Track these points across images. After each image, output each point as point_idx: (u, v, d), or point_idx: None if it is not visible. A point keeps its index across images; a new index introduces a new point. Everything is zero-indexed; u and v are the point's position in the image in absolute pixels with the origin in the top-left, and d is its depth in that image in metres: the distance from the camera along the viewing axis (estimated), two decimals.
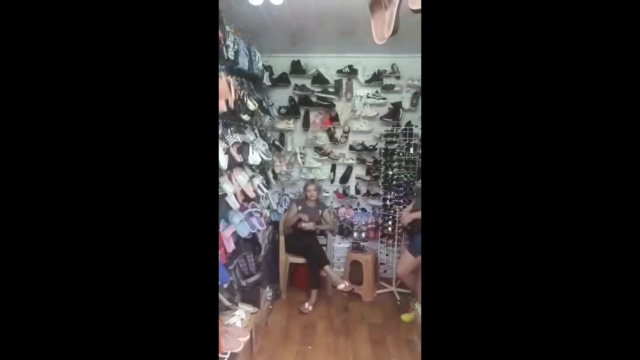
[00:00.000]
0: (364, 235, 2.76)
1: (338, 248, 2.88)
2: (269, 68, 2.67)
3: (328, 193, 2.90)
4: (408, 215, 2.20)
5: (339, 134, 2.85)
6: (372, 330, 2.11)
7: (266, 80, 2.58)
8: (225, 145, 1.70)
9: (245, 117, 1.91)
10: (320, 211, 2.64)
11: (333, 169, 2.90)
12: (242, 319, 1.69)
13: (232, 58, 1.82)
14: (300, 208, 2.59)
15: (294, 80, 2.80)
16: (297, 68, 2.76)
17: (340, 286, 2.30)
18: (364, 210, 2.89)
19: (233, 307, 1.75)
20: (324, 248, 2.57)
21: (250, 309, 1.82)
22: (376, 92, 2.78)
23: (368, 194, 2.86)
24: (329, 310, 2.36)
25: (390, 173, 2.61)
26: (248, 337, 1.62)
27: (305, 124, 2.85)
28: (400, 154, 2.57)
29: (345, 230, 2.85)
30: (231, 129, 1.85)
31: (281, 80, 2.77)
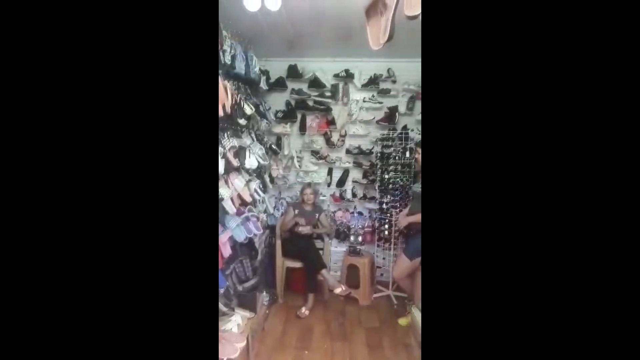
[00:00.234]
0: (360, 238, 2.76)
1: (335, 252, 2.87)
2: (265, 72, 2.67)
3: (325, 196, 2.90)
4: (404, 219, 2.20)
5: (335, 137, 2.86)
6: (369, 335, 2.11)
7: (263, 85, 2.58)
8: (222, 149, 1.70)
9: (242, 122, 1.91)
10: (317, 215, 2.64)
11: (330, 172, 2.91)
12: (239, 325, 1.68)
13: (229, 63, 1.82)
14: (297, 212, 2.59)
15: (291, 85, 2.80)
16: (294, 72, 2.77)
17: (337, 290, 2.29)
18: (360, 213, 2.90)
19: (229, 313, 1.74)
20: (321, 252, 2.57)
21: (247, 314, 1.81)
22: (372, 97, 2.80)
23: (365, 197, 2.87)
24: (326, 314, 2.35)
25: (386, 177, 2.62)
26: (245, 343, 1.60)
27: (302, 128, 2.86)
28: (397, 157, 2.59)
29: (342, 234, 2.85)
30: (228, 133, 1.85)
31: (278, 85, 2.78)
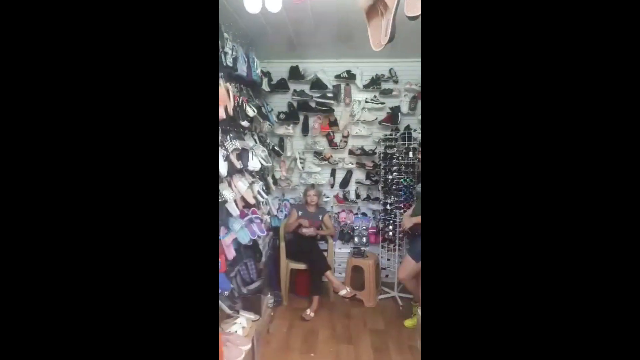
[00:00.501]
0: (364, 240, 2.75)
1: (339, 253, 2.86)
2: (267, 74, 2.68)
3: (328, 198, 2.89)
4: (409, 220, 2.19)
5: (338, 138, 2.85)
6: (375, 337, 2.09)
7: (265, 86, 2.58)
8: (225, 152, 1.70)
9: (245, 124, 1.91)
10: (320, 216, 2.63)
11: (333, 173, 2.90)
12: (244, 327, 1.67)
13: (231, 65, 1.82)
14: (300, 213, 2.58)
15: (293, 86, 2.80)
16: (296, 74, 2.77)
17: (342, 292, 2.28)
18: (364, 214, 2.88)
19: (234, 315, 1.73)
20: (325, 253, 2.56)
21: (252, 316, 1.80)
22: (374, 97, 2.79)
23: (368, 198, 2.85)
24: (331, 316, 2.34)
25: (390, 177, 2.60)
26: (250, 346, 1.59)
27: (305, 129, 2.86)
28: (400, 158, 2.57)
29: (346, 235, 2.83)
30: (230, 135, 1.84)
31: (280, 86, 2.78)
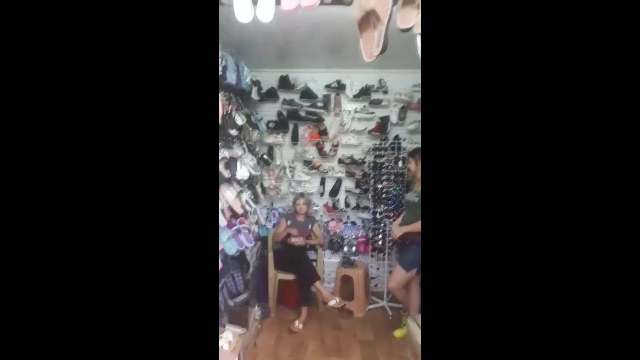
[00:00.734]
0: (354, 249, 2.73)
1: (328, 263, 2.83)
2: (257, 83, 2.67)
3: (317, 207, 2.87)
4: (398, 229, 2.19)
5: (327, 147, 2.86)
6: (365, 348, 2.06)
7: (254, 95, 2.57)
8: None
9: (234, 132, 1.89)
10: (310, 225, 2.61)
11: (322, 182, 2.89)
12: (230, 342, 1.61)
13: (221, 73, 1.81)
14: (289, 222, 2.55)
15: (283, 95, 2.81)
16: (285, 83, 2.78)
17: (332, 303, 2.24)
18: (353, 223, 2.88)
19: (220, 329, 1.68)
20: (314, 263, 2.53)
21: (238, 330, 1.75)
22: (364, 107, 2.82)
23: (358, 207, 2.85)
24: (320, 328, 2.30)
25: (379, 186, 2.61)
26: None
27: (294, 138, 2.85)
28: (389, 167, 2.59)
29: (335, 245, 2.81)
30: (219, 144, 1.82)
31: (269, 95, 2.78)
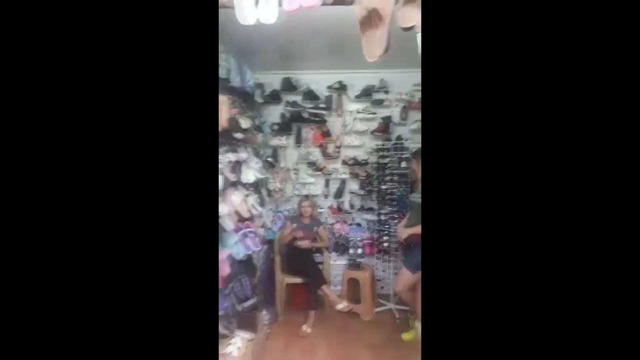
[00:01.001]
0: (360, 251, 2.72)
1: (334, 265, 2.82)
2: (260, 85, 2.66)
3: (322, 209, 2.86)
4: (404, 231, 2.17)
5: (331, 149, 2.85)
6: (373, 351, 2.04)
7: (258, 98, 2.57)
8: (219, 165, 1.66)
9: (238, 136, 1.88)
10: (315, 228, 2.59)
11: (327, 184, 2.88)
12: (239, 348, 1.60)
13: (225, 77, 1.80)
14: (295, 225, 2.54)
15: (285, 97, 2.80)
16: (288, 85, 2.77)
17: (339, 306, 2.23)
18: (359, 225, 2.86)
19: (229, 335, 1.66)
20: (321, 266, 2.51)
21: (247, 335, 1.73)
22: (366, 107, 2.81)
23: (362, 208, 2.84)
24: (328, 331, 2.28)
25: (383, 187, 2.60)
26: None
27: (298, 140, 2.84)
28: (392, 167, 2.58)
29: (341, 247, 2.80)
30: (224, 148, 1.81)
31: (272, 97, 2.77)
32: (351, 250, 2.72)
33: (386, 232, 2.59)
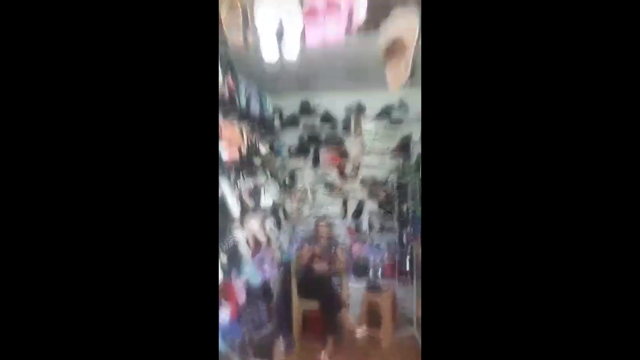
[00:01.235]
0: (379, 273, 2.64)
1: (353, 288, 2.75)
2: (278, 109, 2.72)
3: (340, 230, 2.83)
4: None
5: (349, 169, 2.84)
6: None
7: (276, 122, 2.62)
8: (238, 191, 1.69)
9: (257, 161, 1.92)
10: (333, 248, 2.56)
11: (345, 204, 2.86)
12: None
13: (244, 105, 1.85)
14: (312, 247, 2.52)
15: (303, 120, 2.84)
16: (306, 108, 2.82)
17: (358, 332, 2.16)
18: (378, 246, 2.79)
19: None
20: (339, 289, 2.46)
21: None
22: (385, 127, 2.79)
23: (382, 228, 2.78)
24: (347, 359, 2.21)
25: (404, 208, 2.54)
26: None
27: (315, 162, 2.86)
28: (413, 187, 2.52)
29: (360, 269, 2.73)
30: (243, 173, 1.84)
31: (290, 121, 2.82)
32: (370, 273, 2.65)
33: (407, 254, 2.51)
